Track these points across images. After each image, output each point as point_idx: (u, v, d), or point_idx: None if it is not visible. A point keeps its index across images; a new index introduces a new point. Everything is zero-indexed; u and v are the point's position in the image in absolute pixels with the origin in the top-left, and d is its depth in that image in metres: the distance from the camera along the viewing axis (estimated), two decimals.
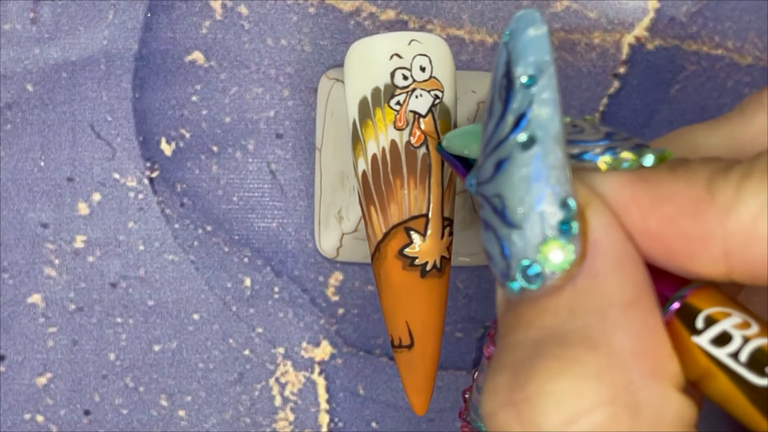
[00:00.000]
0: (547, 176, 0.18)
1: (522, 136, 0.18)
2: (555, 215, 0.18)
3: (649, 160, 0.19)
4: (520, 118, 0.19)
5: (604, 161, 0.19)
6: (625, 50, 0.36)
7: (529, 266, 0.18)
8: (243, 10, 0.36)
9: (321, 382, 0.36)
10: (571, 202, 0.18)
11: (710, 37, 0.36)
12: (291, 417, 0.36)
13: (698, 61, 0.36)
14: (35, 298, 0.36)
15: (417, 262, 0.27)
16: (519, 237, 0.18)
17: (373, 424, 0.36)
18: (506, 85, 0.19)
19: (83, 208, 0.36)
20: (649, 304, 0.18)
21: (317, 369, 0.36)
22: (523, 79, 0.19)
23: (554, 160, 0.18)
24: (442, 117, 0.28)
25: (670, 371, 0.18)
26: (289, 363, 0.36)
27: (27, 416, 0.36)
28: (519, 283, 0.19)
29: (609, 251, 0.18)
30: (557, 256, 0.18)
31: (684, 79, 0.36)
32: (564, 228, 0.18)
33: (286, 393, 0.36)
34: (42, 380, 0.36)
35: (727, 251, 0.17)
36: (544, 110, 0.18)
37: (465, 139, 0.25)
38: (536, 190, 0.18)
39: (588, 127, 0.21)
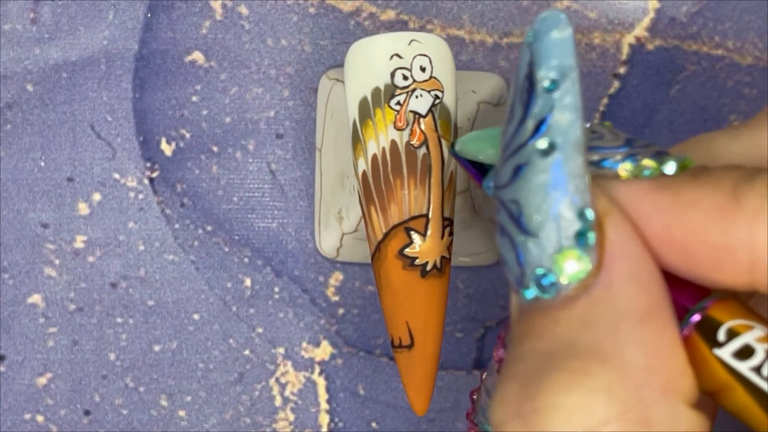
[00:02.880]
0: (565, 184, 0.18)
1: (542, 143, 0.18)
2: (572, 225, 0.18)
3: (670, 167, 0.19)
4: (540, 123, 0.18)
5: (624, 169, 0.19)
6: (625, 50, 0.36)
7: (543, 275, 0.18)
8: (243, 10, 0.36)
9: (321, 382, 0.36)
10: (589, 213, 0.18)
11: (710, 37, 0.36)
12: (291, 417, 0.36)
13: (698, 61, 0.36)
14: (35, 298, 0.36)
15: (417, 262, 0.27)
16: (534, 245, 0.18)
17: (373, 425, 0.36)
18: (528, 88, 0.18)
19: (83, 208, 0.36)
20: (664, 318, 0.18)
21: (317, 369, 0.36)
22: (545, 83, 0.18)
23: (574, 168, 0.18)
24: (443, 117, 0.28)
25: (683, 387, 0.18)
26: (289, 363, 0.36)
27: (27, 416, 0.36)
28: (533, 291, 0.18)
29: (625, 264, 0.18)
30: (572, 266, 0.18)
31: (684, 79, 0.36)
32: (581, 238, 0.18)
33: (287, 393, 0.36)
34: (42, 380, 0.36)
35: (752, 260, 0.17)
36: (566, 116, 0.18)
37: (479, 143, 0.25)
38: (554, 199, 0.18)
39: (607, 133, 0.20)
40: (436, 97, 0.28)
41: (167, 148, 0.36)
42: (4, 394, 0.36)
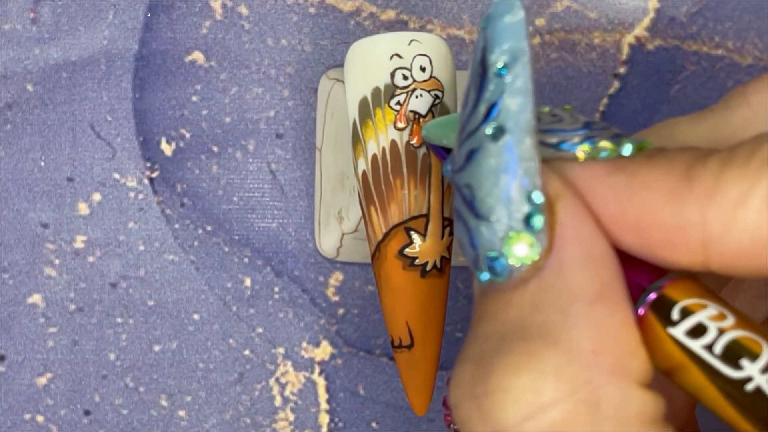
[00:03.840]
0: (515, 168, 0.18)
1: (492, 126, 0.18)
2: (521, 208, 0.18)
3: (627, 149, 0.19)
4: (491, 108, 0.18)
5: (582, 150, 0.19)
6: (625, 50, 0.36)
7: (495, 258, 0.18)
8: (243, 10, 0.36)
9: (321, 382, 0.36)
10: (536, 196, 0.18)
11: (710, 37, 0.36)
12: (291, 417, 0.36)
13: (698, 61, 0.36)
14: (35, 298, 0.36)
15: (417, 262, 0.27)
16: (486, 228, 0.18)
17: (373, 425, 0.36)
18: (481, 73, 0.19)
19: (83, 208, 0.36)
20: (616, 299, 0.18)
21: (317, 369, 0.36)
22: (497, 67, 0.18)
23: (524, 151, 0.18)
24: None
25: (634, 368, 0.18)
26: (289, 363, 0.36)
27: (27, 416, 0.36)
28: (486, 274, 0.18)
29: (577, 246, 0.18)
30: (522, 249, 0.18)
31: (684, 79, 0.36)
32: (530, 221, 0.18)
33: (286, 393, 0.36)
34: (42, 380, 0.36)
35: (705, 240, 0.17)
36: (516, 100, 0.18)
37: (443, 128, 0.25)
38: (504, 182, 0.18)
39: (567, 116, 0.20)
40: (437, 97, 0.28)
41: (167, 148, 0.36)
42: (4, 394, 0.36)
